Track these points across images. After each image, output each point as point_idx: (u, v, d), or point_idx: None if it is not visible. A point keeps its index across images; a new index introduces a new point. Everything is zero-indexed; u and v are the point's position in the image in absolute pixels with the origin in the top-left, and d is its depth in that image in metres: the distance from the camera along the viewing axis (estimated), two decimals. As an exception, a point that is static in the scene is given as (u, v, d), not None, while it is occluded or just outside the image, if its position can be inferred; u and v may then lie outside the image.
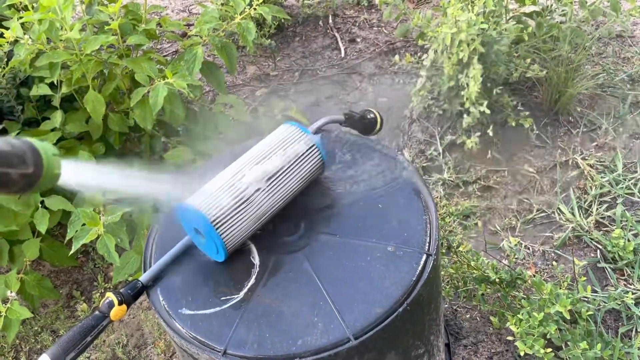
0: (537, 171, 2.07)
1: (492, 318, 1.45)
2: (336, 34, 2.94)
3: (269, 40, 2.83)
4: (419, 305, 0.94)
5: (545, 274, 1.75)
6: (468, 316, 1.67)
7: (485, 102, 1.91)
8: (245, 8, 1.69)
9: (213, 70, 1.86)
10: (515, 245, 1.82)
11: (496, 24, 1.82)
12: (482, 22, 1.71)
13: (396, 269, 0.93)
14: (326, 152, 1.08)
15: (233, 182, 0.95)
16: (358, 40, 2.89)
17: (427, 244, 0.97)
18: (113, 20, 1.66)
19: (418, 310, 0.95)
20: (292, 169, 1.01)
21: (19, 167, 0.57)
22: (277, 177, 0.98)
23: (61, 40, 1.61)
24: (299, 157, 1.02)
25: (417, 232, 0.99)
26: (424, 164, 2.14)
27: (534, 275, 1.68)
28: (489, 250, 1.81)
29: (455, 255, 1.51)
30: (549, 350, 1.23)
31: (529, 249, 1.83)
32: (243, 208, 0.94)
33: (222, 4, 1.92)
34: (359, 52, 2.81)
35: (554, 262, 1.76)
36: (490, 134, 2.04)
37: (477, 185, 2.03)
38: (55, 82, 1.69)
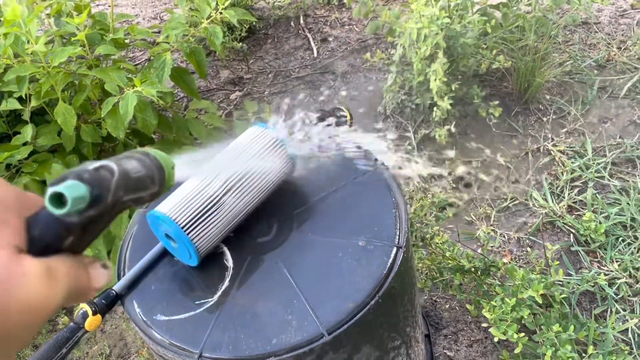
0: (509, 160, 2.10)
1: (468, 306, 1.48)
2: (308, 34, 2.95)
3: (241, 43, 2.83)
4: (391, 298, 0.96)
5: (521, 260, 1.78)
6: (447, 306, 1.69)
7: (447, 96, 1.93)
8: (211, 12, 1.69)
9: (184, 76, 1.86)
10: (489, 233, 1.85)
11: (461, 17, 1.85)
12: (444, 17, 1.73)
13: (367, 262, 0.95)
14: (296, 152, 1.09)
15: (202, 186, 0.96)
16: (330, 39, 2.91)
17: (397, 237, 0.98)
18: (80, 31, 1.66)
19: (391, 303, 0.97)
20: (262, 170, 1.02)
21: (150, 188, 0.57)
22: (246, 179, 0.99)
23: (28, 53, 1.60)
24: (268, 158, 1.03)
25: (388, 226, 1.00)
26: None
27: (509, 262, 1.71)
28: (465, 240, 1.84)
29: (431, 247, 1.53)
30: (522, 334, 1.26)
31: (504, 236, 1.86)
32: (213, 211, 0.95)
33: (190, 9, 1.92)
34: (331, 51, 2.82)
35: (529, 249, 1.79)
36: (461, 126, 2.07)
37: (451, 177, 2.06)
38: (24, 96, 1.68)
